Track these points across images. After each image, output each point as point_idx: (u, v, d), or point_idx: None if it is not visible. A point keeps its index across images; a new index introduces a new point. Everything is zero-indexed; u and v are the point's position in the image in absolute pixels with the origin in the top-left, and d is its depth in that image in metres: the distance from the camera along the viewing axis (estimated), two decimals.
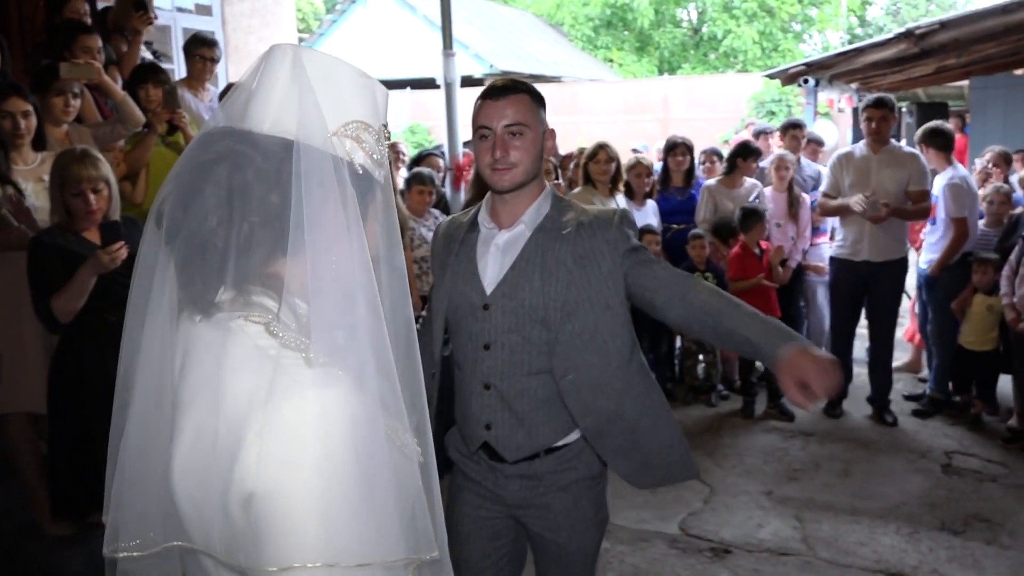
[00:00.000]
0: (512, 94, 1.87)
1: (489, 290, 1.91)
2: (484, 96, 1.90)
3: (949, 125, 5.25)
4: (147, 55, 4.87)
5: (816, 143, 6.79)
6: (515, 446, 1.94)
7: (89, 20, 4.50)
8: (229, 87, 4.73)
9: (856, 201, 4.68)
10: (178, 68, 5.17)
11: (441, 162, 5.79)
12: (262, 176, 0.97)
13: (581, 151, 5.34)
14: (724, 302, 1.85)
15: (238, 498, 0.92)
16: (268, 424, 0.91)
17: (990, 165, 5.71)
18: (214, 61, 4.76)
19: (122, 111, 3.84)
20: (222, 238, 0.96)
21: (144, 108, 4.03)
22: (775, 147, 6.55)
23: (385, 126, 1.08)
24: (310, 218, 0.95)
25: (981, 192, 5.27)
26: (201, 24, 6.62)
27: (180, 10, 6.56)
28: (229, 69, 6.80)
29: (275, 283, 0.99)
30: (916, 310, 5.72)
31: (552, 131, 2.03)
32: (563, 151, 6.48)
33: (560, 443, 1.96)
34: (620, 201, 5.00)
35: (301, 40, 19.72)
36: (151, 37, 5.07)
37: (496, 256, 1.93)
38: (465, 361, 1.97)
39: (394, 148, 6.42)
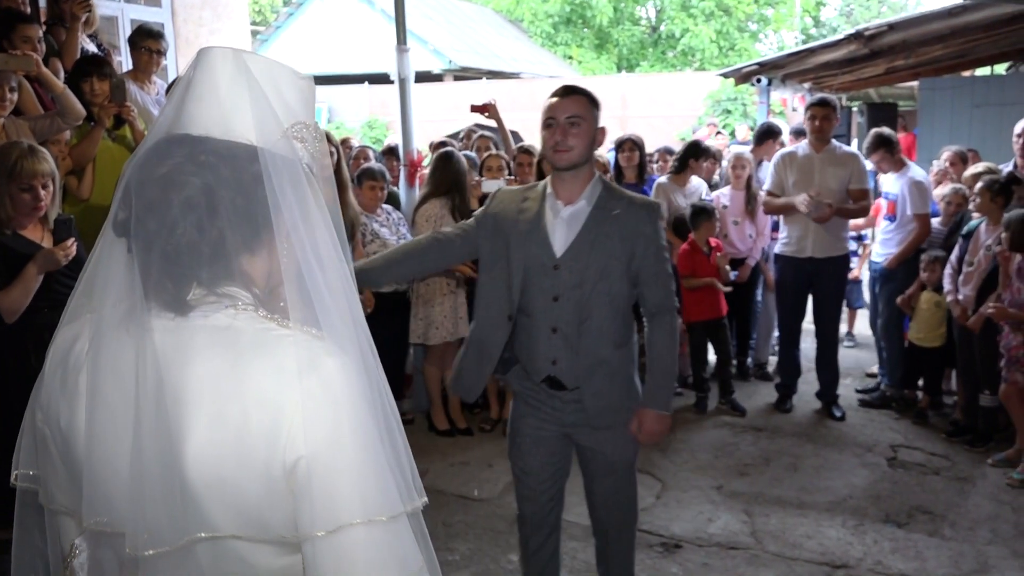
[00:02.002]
0: (573, 95, 2.42)
1: (559, 254, 2.43)
2: (553, 96, 2.45)
3: (887, 129, 5.36)
4: (91, 47, 4.74)
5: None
6: (575, 375, 2.47)
7: (28, 9, 4.38)
8: (171, 85, 4.64)
9: (801, 201, 4.77)
10: (125, 60, 5.05)
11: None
12: (226, 182, 1.02)
13: (521, 148, 5.33)
14: (658, 349, 2.52)
15: (283, 469, 0.98)
16: (306, 394, 0.99)
17: (947, 165, 5.83)
18: (160, 53, 4.65)
19: (62, 104, 3.73)
20: (191, 244, 1.01)
21: (89, 102, 3.93)
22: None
23: (317, 123, 1.14)
24: (286, 217, 1.03)
25: (939, 192, 5.39)
26: (149, 15, 6.47)
27: (128, 0, 6.41)
28: (179, 62, 6.66)
29: (244, 278, 1.05)
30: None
31: (603, 128, 2.53)
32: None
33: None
34: None
35: (256, 34, 19.45)
36: (96, 28, 4.94)
37: (563, 226, 2.44)
38: (535, 310, 2.46)
39: (346, 144, 6.36)
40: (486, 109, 5.67)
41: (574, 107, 2.40)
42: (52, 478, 1.10)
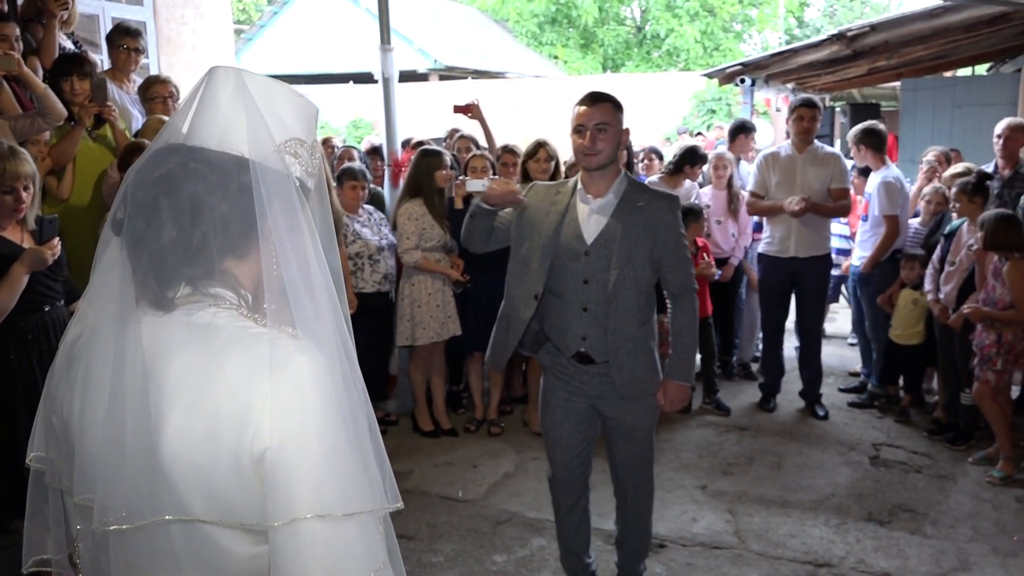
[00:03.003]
0: (601, 103, 2.68)
1: (589, 241, 2.71)
2: (581, 103, 2.71)
3: (882, 125, 5.38)
4: (68, 45, 4.68)
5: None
6: (603, 351, 2.75)
7: (5, 7, 4.33)
8: (148, 80, 4.59)
9: (790, 203, 4.80)
10: (106, 59, 5.00)
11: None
12: (214, 189, 1.10)
13: (506, 148, 5.32)
14: (681, 327, 2.87)
15: (251, 458, 1.04)
16: (274, 388, 1.05)
17: (936, 164, 5.87)
18: (139, 51, 4.60)
19: (43, 104, 3.70)
20: (176, 245, 1.09)
21: (68, 101, 3.89)
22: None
23: (315, 141, 1.23)
24: (271, 223, 1.11)
25: (915, 189, 5.43)
26: (131, 14, 6.41)
27: None
28: (161, 61, 6.62)
29: (228, 279, 1.13)
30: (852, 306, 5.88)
31: (627, 130, 2.79)
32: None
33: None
34: None
35: (240, 32, 19.35)
36: (77, 26, 4.89)
37: (593, 218, 2.72)
38: (567, 292, 2.75)
39: (328, 144, 6.34)
40: (469, 110, 5.65)
41: (601, 114, 2.67)
42: (57, 460, 1.20)
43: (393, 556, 1.15)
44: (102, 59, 5.00)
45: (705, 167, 5.79)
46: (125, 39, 4.53)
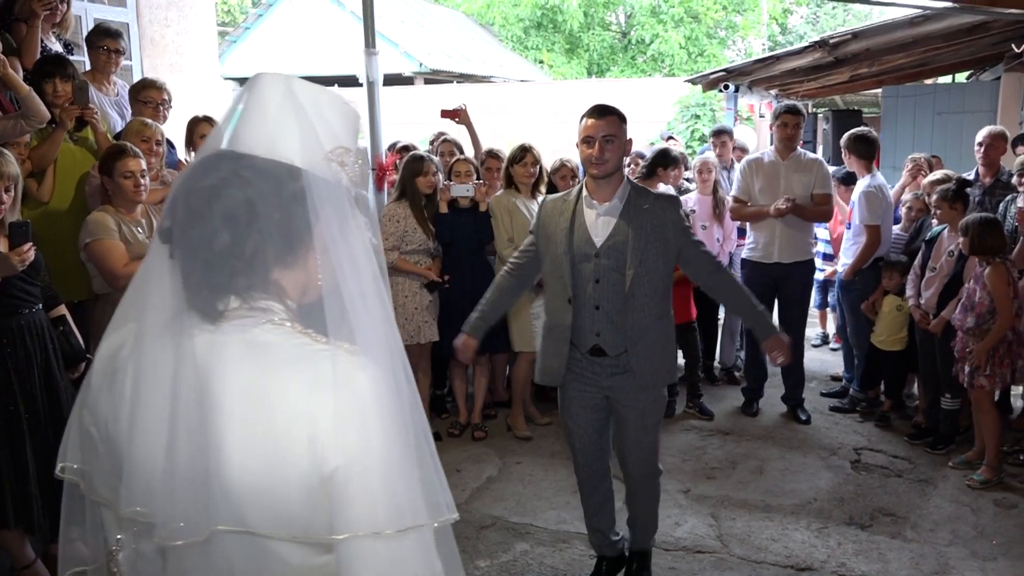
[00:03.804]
0: (608, 115, 2.89)
1: (598, 244, 2.91)
2: (589, 116, 2.90)
3: (875, 134, 5.41)
4: (57, 47, 4.64)
5: (741, 150, 6.96)
6: (615, 345, 2.96)
7: None
8: (144, 82, 4.56)
9: (777, 205, 4.84)
10: (87, 60, 4.96)
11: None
12: (266, 197, 1.08)
13: (489, 153, 5.33)
14: (729, 292, 3.06)
15: (316, 475, 1.05)
16: (339, 406, 1.05)
17: (925, 165, 5.91)
18: (119, 53, 4.56)
19: (27, 106, 3.66)
20: (229, 254, 1.08)
21: (50, 103, 3.86)
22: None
23: (360, 148, 1.22)
24: (325, 234, 1.10)
25: (905, 196, 5.47)
26: (114, 15, 6.36)
27: (91, 0, 6.30)
28: (144, 63, 6.57)
29: (275, 289, 1.12)
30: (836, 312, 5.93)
31: (631, 140, 3.03)
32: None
33: None
34: None
35: (224, 34, 19.26)
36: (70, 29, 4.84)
37: (601, 222, 2.92)
38: (581, 292, 2.95)
39: None
40: (457, 114, 5.66)
41: (608, 126, 2.87)
42: (96, 472, 1.18)
43: (452, 563, 1.16)
44: (84, 61, 4.95)
45: (689, 172, 5.82)
46: (105, 40, 4.49)
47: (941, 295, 4.54)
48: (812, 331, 6.64)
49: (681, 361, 5.46)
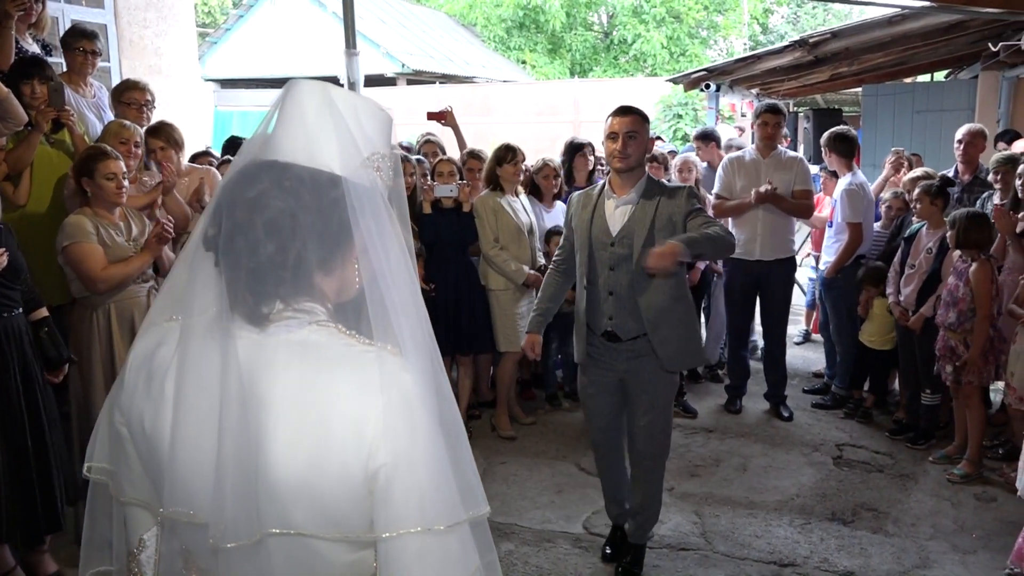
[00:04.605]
0: (631, 114, 3.11)
1: (614, 233, 3.14)
2: (614, 115, 3.12)
3: (854, 132, 5.45)
4: (34, 48, 4.58)
5: (738, 148, 6.95)
6: (627, 330, 3.16)
7: None
8: (126, 84, 4.52)
9: (758, 189, 4.87)
10: (64, 61, 4.90)
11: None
12: (307, 206, 1.11)
13: (471, 153, 5.33)
14: (709, 232, 2.99)
15: (365, 474, 1.08)
16: (387, 407, 1.08)
17: (908, 163, 5.96)
18: (95, 54, 4.51)
19: (4, 109, 3.61)
20: (273, 263, 1.10)
21: (27, 105, 3.82)
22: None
23: (394, 154, 1.25)
24: (365, 239, 1.13)
25: (881, 180, 5.50)
26: (92, 16, 6.30)
27: (69, 1, 6.24)
28: (123, 65, 6.53)
29: (319, 294, 1.15)
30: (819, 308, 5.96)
31: (652, 139, 3.33)
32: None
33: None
34: (524, 202, 5.01)
35: (204, 36, 19.14)
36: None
37: (618, 214, 3.15)
38: (597, 279, 3.18)
39: None
40: (443, 116, 5.66)
41: (631, 124, 3.08)
42: (124, 473, 1.20)
43: (488, 555, 1.20)
44: (61, 62, 4.90)
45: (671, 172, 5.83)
46: (81, 41, 4.45)
47: (920, 292, 4.58)
48: (795, 328, 6.68)
49: None
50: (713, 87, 9.01)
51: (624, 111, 3.12)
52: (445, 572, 1.12)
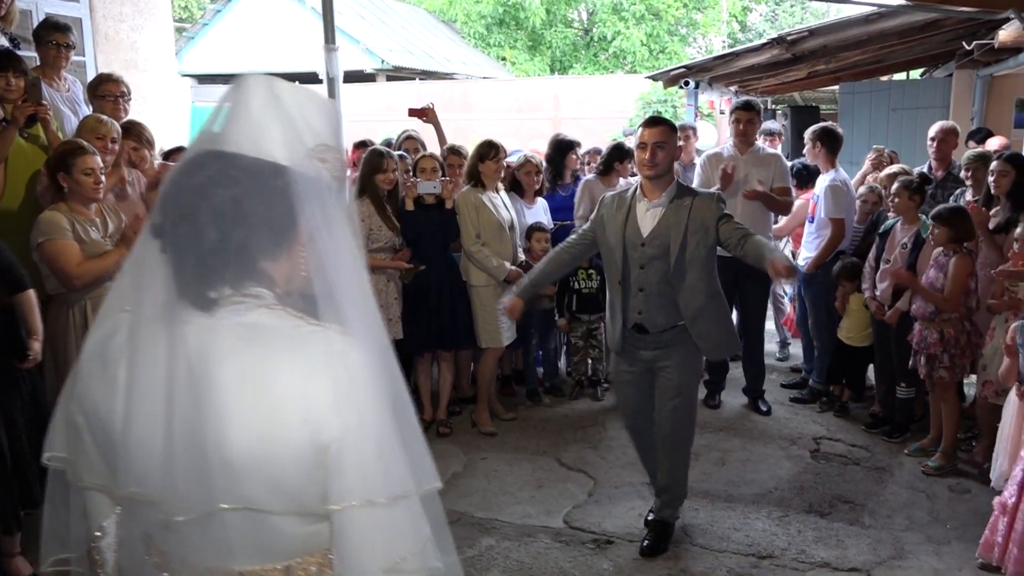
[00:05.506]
0: (659, 125, 3.33)
1: (645, 234, 3.35)
2: (643, 126, 3.35)
3: (840, 130, 5.45)
4: (2, 41, 4.52)
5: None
6: (655, 323, 3.40)
7: None
8: (100, 77, 4.47)
9: (745, 189, 4.94)
10: (37, 55, 4.84)
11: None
12: (252, 194, 1.15)
13: (451, 149, 5.33)
14: (755, 243, 3.23)
15: (316, 448, 1.13)
16: (336, 381, 1.14)
17: (888, 160, 6.00)
18: (69, 47, 4.46)
19: None
20: (218, 249, 1.14)
21: (2, 98, 3.77)
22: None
23: (341, 145, 1.30)
24: (310, 226, 1.17)
25: (860, 176, 5.54)
26: (66, 10, 6.21)
27: None
28: (98, 59, 6.45)
29: (265, 278, 1.19)
30: (796, 304, 6.00)
31: (680, 147, 3.61)
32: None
33: (677, 323, 3.40)
34: (505, 199, 5.02)
35: (182, 31, 18.95)
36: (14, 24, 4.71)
37: (649, 216, 3.37)
38: (628, 276, 3.40)
39: None
40: (424, 113, 5.65)
41: (660, 134, 3.29)
42: (81, 460, 1.25)
43: (440, 529, 1.24)
44: (32, 56, 4.84)
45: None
46: (54, 35, 4.39)
47: (896, 286, 4.63)
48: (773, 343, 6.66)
49: None
50: (692, 84, 9.04)
51: (653, 122, 3.34)
52: (395, 542, 1.17)
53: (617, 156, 5.56)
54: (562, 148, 5.80)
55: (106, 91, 4.29)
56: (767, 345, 5.62)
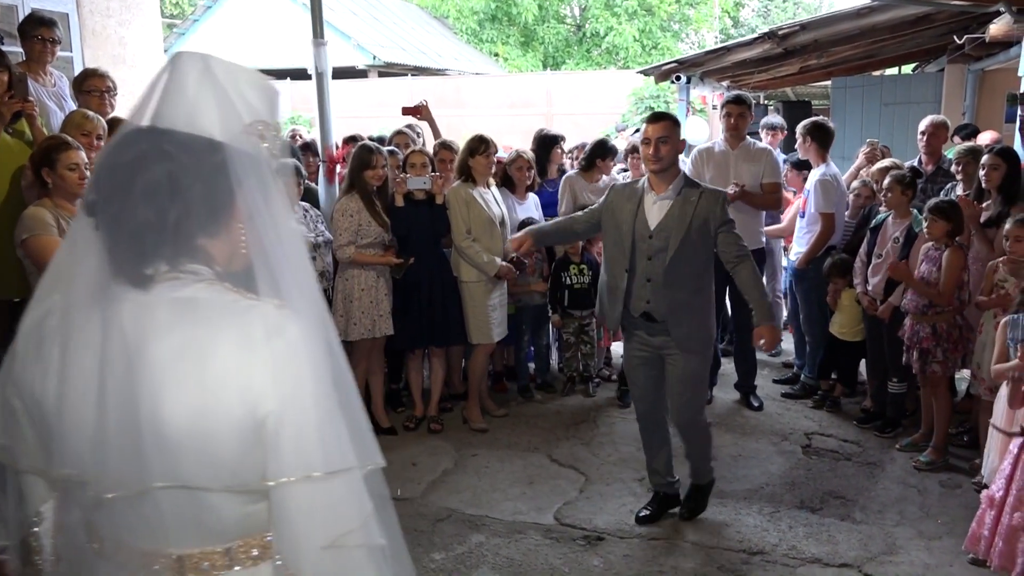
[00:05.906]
0: (662, 120, 3.43)
1: (652, 227, 3.46)
2: (647, 121, 3.47)
3: (831, 124, 5.44)
4: None
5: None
6: (661, 312, 3.49)
7: None
8: (85, 73, 4.43)
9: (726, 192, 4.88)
10: (22, 50, 4.80)
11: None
12: (187, 169, 1.13)
13: (443, 144, 5.31)
14: (746, 282, 3.44)
15: (253, 423, 1.11)
16: (272, 356, 1.12)
17: (880, 154, 5.99)
18: (54, 42, 4.42)
19: None
20: (153, 225, 1.12)
21: None
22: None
23: (279, 123, 1.28)
24: (249, 202, 1.16)
25: (853, 170, 5.52)
26: (53, 5, 6.14)
27: None
28: (86, 54, 6.40)
29: (203, 255, 1.17)
30: (787, 300, 5.98)
31: (684, 141, 3.70)
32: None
33: None
34: (496, 194, 4.99)
35: (172, 27, 18.85)
36: None
37: (656, 209, 3.47)
38: (636, 266, 3.49)
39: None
40: (418, 111, 5.62)
41: (663, 129, 3.39)
42: (19, 444, 1.22)
43: (383, 507, 1.22)
44: (18, 51, 4.79)
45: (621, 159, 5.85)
46: (39, 29, 4.35)
47: (888, 281, 4.62)
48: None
49: None
50: (684, 79, 9.02)
51: (656, 118, 3.45)
52: (335, 518, 1.15)
53: (599, 153, 5.54)
54: (546, 143, 5.77)
55: (92, 86, 4.25)
56: None
